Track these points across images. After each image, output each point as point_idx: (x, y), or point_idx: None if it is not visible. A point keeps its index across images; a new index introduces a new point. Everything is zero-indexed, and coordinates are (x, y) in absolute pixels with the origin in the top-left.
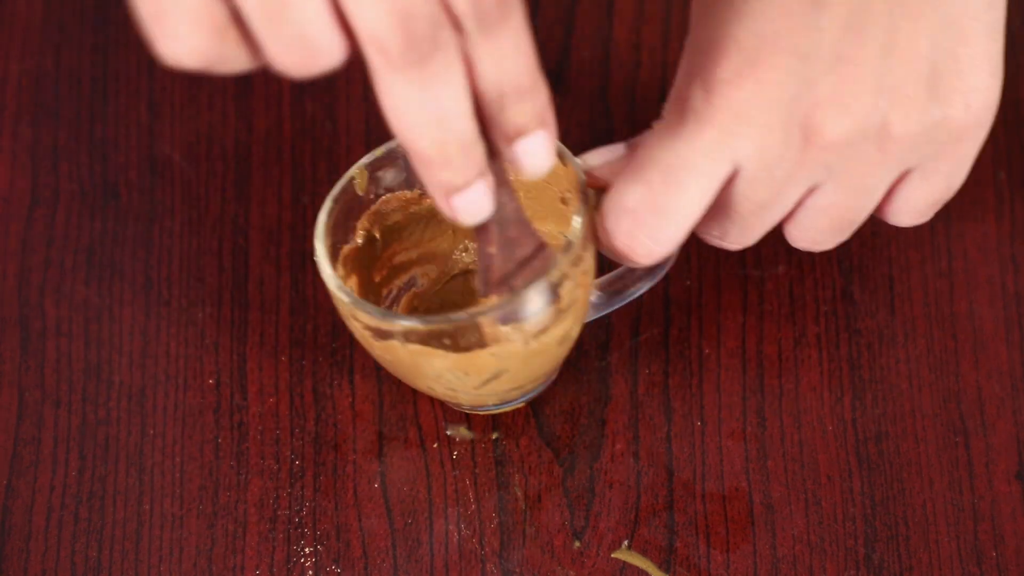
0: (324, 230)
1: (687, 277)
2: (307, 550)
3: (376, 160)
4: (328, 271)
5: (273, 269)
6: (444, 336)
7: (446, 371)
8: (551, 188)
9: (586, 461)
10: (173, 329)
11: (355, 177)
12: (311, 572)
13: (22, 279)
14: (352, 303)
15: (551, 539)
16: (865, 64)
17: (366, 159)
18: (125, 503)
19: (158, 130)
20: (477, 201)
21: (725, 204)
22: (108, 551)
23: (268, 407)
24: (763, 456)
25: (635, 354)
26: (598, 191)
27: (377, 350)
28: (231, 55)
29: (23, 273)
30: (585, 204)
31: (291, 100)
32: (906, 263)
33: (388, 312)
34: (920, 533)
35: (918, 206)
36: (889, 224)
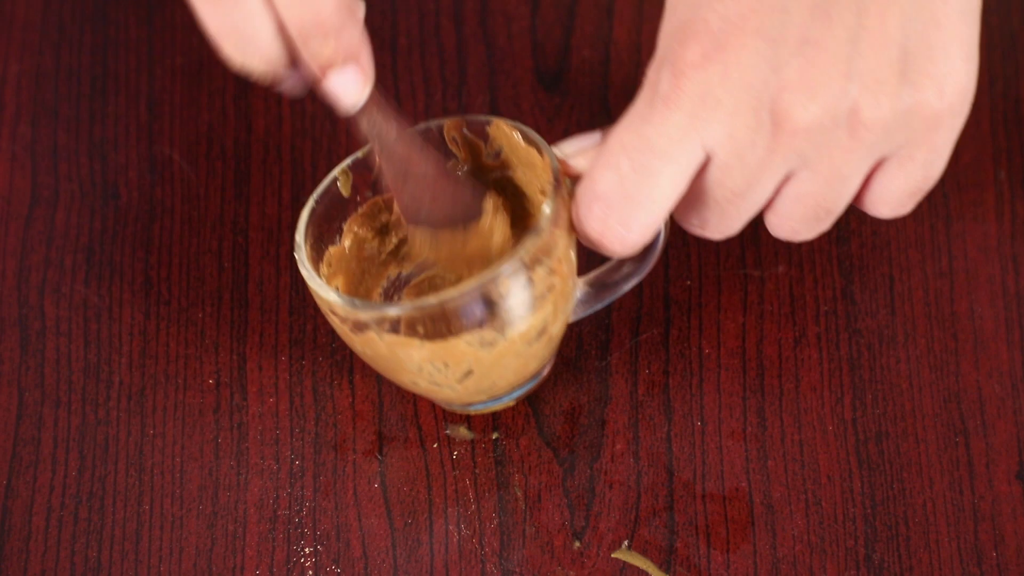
0: (304, 228)
1: (687, 277)
2: (307, 550)
3: (358, 162)
4: (306, 265)
5: (273, 269)
6: (416, 323)
7: (425, 362)
8: (532, 183)
9: (586, 461)
10: (173, 329)
11: (338, 178)
12: (311, 572)
13: (21, 279)
14: (318, 288)
15: (551, 539)
16: (833, 48)
17: (348, 160)
18: (125, 503)
19: (157, 130)
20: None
21: (701, 192)
22: (108, 551)
23: (268, 407)
24: (763, 456)
25: (635, 354)
26: (574, 180)
27: (358, 345)
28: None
29: (22, 273)
30: (558, 191)
31: (291, 100)
32: (906, 263)
33: (357, 300)
34: (920, 533)
35: (896, 196)
36: (888, 223)
